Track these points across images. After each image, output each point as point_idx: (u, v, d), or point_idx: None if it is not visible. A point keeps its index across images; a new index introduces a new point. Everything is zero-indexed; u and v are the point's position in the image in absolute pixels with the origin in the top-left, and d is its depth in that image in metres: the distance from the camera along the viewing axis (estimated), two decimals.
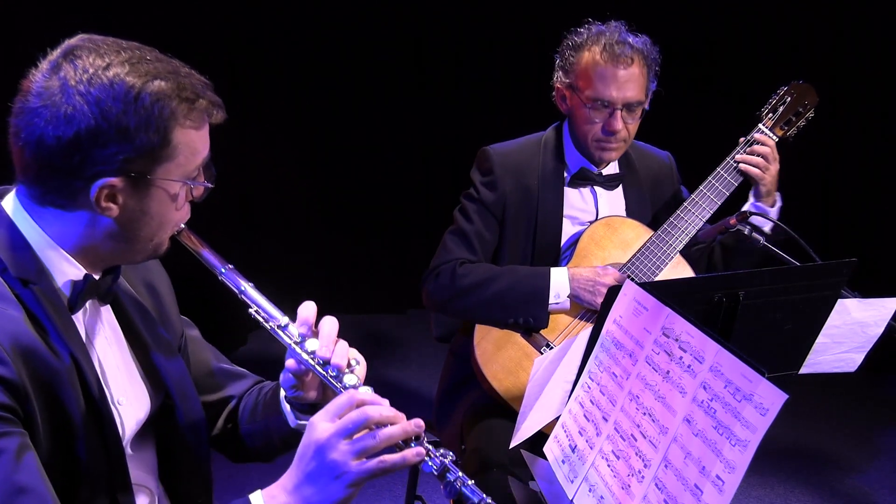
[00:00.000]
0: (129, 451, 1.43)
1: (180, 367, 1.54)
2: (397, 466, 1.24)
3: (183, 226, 1.43)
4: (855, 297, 1.92)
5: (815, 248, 2.10)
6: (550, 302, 2.31)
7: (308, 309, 1.44)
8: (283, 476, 1.27)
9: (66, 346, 1.30)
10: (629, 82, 2.31)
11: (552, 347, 2.29)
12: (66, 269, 1.33)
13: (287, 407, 1.53)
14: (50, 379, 1.26)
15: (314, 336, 1.41)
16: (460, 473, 1.28)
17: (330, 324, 1.42)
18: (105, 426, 1.35)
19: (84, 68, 1.24)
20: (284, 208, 5.15)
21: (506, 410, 2.28)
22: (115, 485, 1.37)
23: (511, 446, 1.84)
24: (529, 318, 2.32)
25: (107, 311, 1.44)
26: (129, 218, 1.32)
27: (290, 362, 1.44)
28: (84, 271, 1.35)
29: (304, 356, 1.39)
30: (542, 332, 2.35)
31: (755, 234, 2.14)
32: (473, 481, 1.28)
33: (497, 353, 2.33)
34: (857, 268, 1.80)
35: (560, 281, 2.32)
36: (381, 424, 1.25)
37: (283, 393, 1.54)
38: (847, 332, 1.95)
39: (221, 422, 1.66)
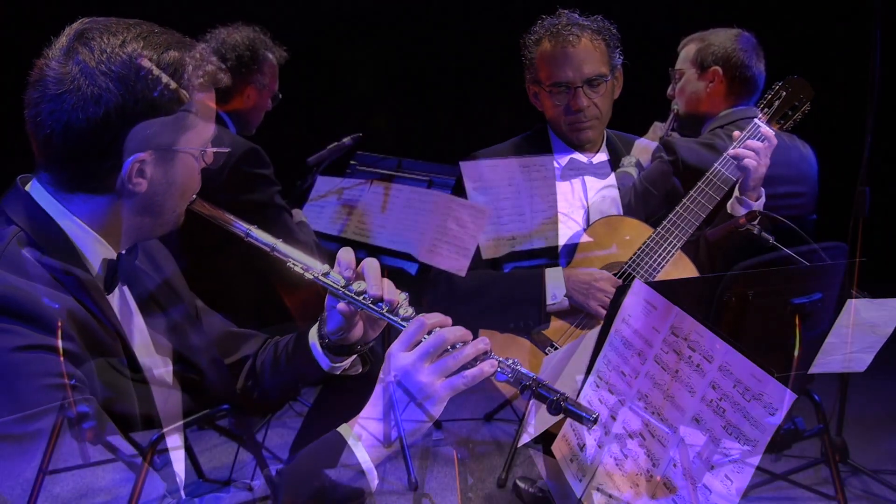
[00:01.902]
0: None
1: (204, 335, 1.59)
2: (477, 379, 1.32)
3: (195, 196, 1.45)
4: (864, 297, 1.92)
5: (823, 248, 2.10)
6: (548, 302, 2.31)
7: (348, 254, 1.50)
8: (367, 407, 1.32)
9: (111, 324, 1.33)
10: (582, 59, 2.34)
11: (556, 348, 2.29)
12: (99, 251, 1.36)
13: (319, 351, 1.58)
14: (103, 354, 1.29)
15: (358, 279, 1.46)
16: (534, 376, 1.35)
17: (373, 265, 1.47)
18: (149, 400, 1.38)
19: (101, 48, 1.26)
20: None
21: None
22: (154, 455, 1.40)
23: (519, 445, 1.84)
24: (529, 321, 2.33)
25: (126, 290, 1.46)
26: (155, 191, 1.35)
27: (340, 305, 1.48)
28: (115, 251, 1.38)
29: (356, 298, 1.43)
30: (545, 332, 2.34)
31: (764, 234, 2.14)
32: (548, 382, 1.35)
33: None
34: (866, 268, 1.79)
35: (555, 280, 2.32)
36: (454, 344, 1.32)
37: (313, 340, 1.59)
38: (856, 332, 1.95)
39: (241, 381, 1.70)
